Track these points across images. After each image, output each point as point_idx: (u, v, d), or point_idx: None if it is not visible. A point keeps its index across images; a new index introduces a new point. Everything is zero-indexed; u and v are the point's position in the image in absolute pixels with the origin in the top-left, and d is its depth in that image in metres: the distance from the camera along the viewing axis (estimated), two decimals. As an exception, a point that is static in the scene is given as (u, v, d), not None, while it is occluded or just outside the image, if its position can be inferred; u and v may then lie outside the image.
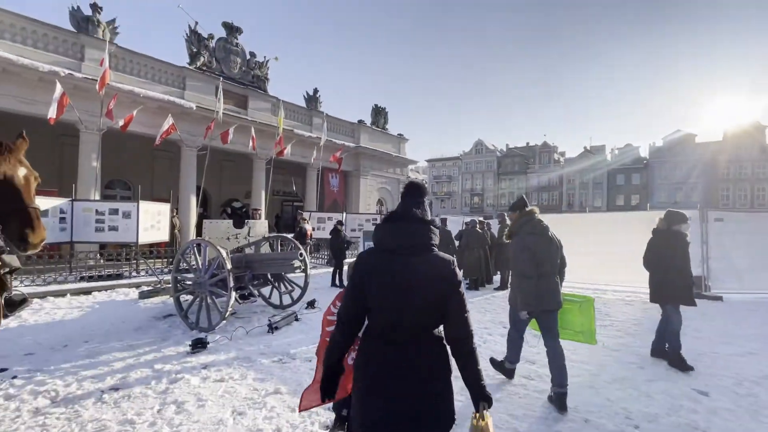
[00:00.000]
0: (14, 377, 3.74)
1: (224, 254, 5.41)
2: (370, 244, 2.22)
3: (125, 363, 4.17)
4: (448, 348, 1.65)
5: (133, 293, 7.74)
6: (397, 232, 1.64)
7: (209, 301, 5.54)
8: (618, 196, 47.05)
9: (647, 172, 45.61)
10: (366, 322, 1.68)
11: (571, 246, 9.70)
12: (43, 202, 8.61)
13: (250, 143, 14.54)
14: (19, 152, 2.15)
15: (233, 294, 5.36)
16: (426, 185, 1.90)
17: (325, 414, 3.11)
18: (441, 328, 1.66)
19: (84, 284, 8.22)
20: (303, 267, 6.28)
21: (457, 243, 10.06)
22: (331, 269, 12.62)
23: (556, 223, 10.56)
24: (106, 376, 3.79)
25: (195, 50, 14.97)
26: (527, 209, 3.71)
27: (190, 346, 4.62)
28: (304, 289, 6.75)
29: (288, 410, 3.16)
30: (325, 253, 14.20)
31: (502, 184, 55.61)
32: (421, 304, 1.57)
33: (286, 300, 6.89)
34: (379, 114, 23.81)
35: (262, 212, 15.43)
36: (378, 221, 2.57)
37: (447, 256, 1.67)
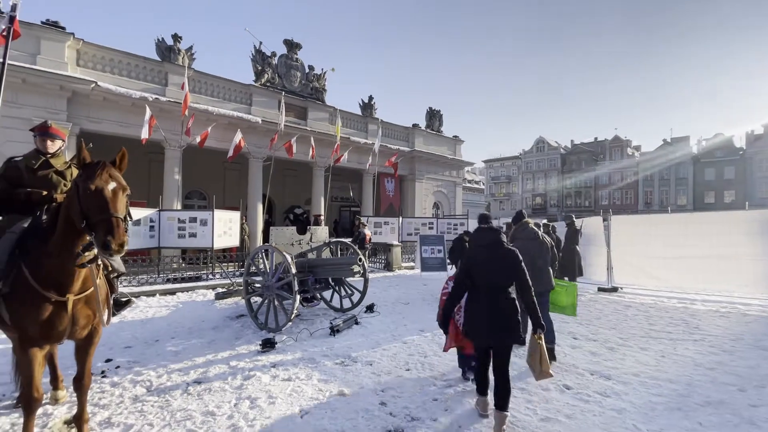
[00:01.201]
0: (117, 367, 4.27)
1: (289, 259, 5.71)
2: (427, 248, 8.43)
3: (205, 359, 4.56)
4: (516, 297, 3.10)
5: (210, 294, 8.46)
6: (484, 237, 3.22)
7: (276, 303, 5.88)
8: (707, 193, 41.79)
9: (744, 164, 39.99)
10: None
11: (652, 249, 8.86)
12: (135, 213, 9.78)
13: (310, 152, 15.27)
14: (112, 168, 2.43)
15: (298, 297, 5.63)
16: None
17: (387, 419, 3.14)
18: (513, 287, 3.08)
19: (169, 285, 9.17)
20: (362, 272, 6.42)
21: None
22: (387, 272, 12.74)
23: (630, 225, 9.71)
24: (190, 370, 4.18)
25: (260, 68, 16.08)
26: (524, 220, 4.93)
27: (260, 345, 4.94)
28: (363, 294, 6.89)
29: (351, 412, 3.24)
30: (383, 257, 14.36)
31: (567, 182, 52.14)
32: (501, 274, 3.07)
33: (347, 303, 7.08)
34: (433, 117, 23.66)
35: (323, 217, 16.10)
36: (434, 225, 7.29)
37: (512, 247, 3.17)
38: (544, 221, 10.48)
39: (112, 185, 2.33)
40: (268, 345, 4.94)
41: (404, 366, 4.33)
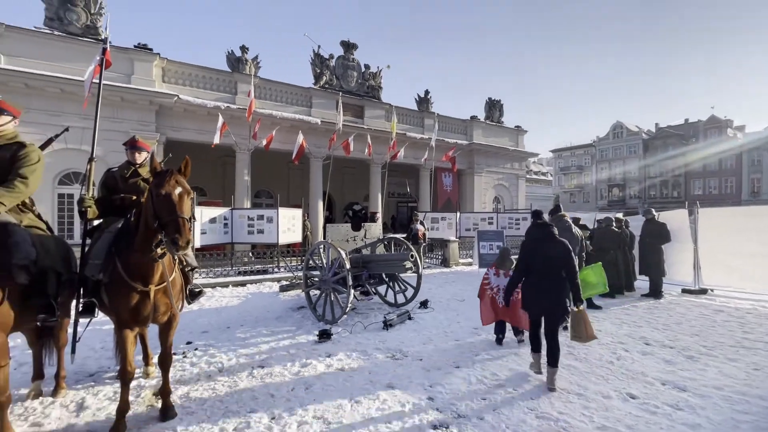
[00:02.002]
0: (196, 349, 4.83)
1: (344, 255, 5.96)
2: (485, 243, 10.36)
3: (269, 346, 4.97)
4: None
5: (275, 286, 9.11)
6: (538, 231, 3.98)
7: (332, 296, 6.18)
8: (831, 179, 34.92)
9: None
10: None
11: (751, 247, 7.62)
12: (211, 212, 10.84)
13: (367, 150, 15.62)
14: (179, 175, 2.77)
15: (352, 291, 5.86)
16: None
17: (434, 414, 3.18)
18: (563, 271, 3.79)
19: (241, 278, 10.04)
20: (414, 268, 6.48)
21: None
22: (444, 269, 12.64)
23: (722, 219, 8.41)
24: (255, 355, 4.59)
25: (318, 71, 16.77)
26: (560, 213, 5.52)
27: (317, 335, 5.24)
28: (416, 290, 6.94)
29: (398, 405, 3.33)
30: (439, 253, 14.25)
31: (651, 171, 46.73)
32: (553, 262, 3.78)
33: (401, 299, 7.19)
34: (493, 107, 22.77)
35: (379, 215, 16.41)
36: (494, 220, 9.67)
37: (563, 240, 3.92)
38: (618, 215, 9.61)
39: (178, 190, 2.66)
40: (324, 336, 5.23)
41: (454, 363, 4.32)
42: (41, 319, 2.84)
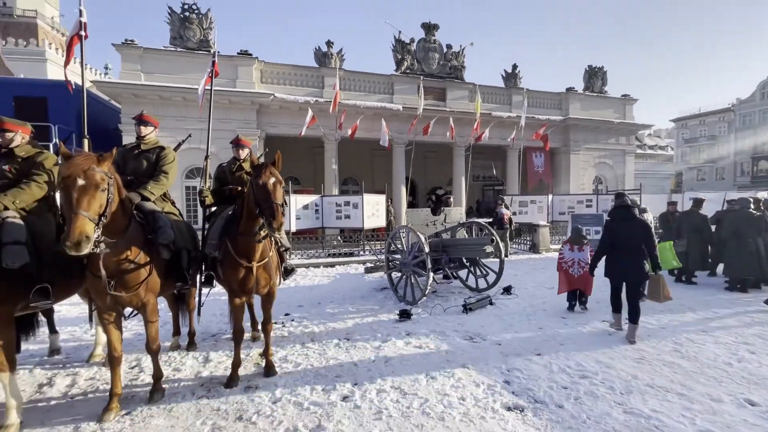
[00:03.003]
0: (292, 320, 5.48)
1: (423, 239, 6.09)
2: (580, 228, 6.19)
3: (354, 321, 5.39)
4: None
5: (361, 268, 9.68)
6: (621, 213, 4.67)
7: (413, 279, 6.38)
8: None
9: None
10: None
11: None
12: (304, 199, 11.86)
13: (449, 133, 15.35)
14: (272, 167, 3.16)
15: (431, 274, 5.98)
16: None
17: (509, 396, 3.18)
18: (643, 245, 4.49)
19: (330, 259, 10.89)
20: (496, 252, 6.32)
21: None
22: (533, 255, 11.97)
23: None
24: (342, 329, 5.04)
25: (400, 57, 16.85)
26: (624, 198, 4.96)
27: (398, 315, 5.51)
28: (498, 275, 6.77)
29: (473, 384, 3.39)
30: (528, 238, 13.50)
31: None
32: (635, 239, 4.51)
33: (482, 284, 7.09)
34: (594, 76, 20.29)
35: (452, 198, 16.12)
36: (593, 202, 9.92)
37: (643, 219, 4.73)
38: (762, 194, 7.99)
39: (272, 180, 3.07)
40: (404, 315, 5.47)
41: (535, 350, 4.19)
42: (178, 287, 3.56)
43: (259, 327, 4.75)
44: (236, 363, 3.58)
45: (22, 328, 3.27)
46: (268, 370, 3.68)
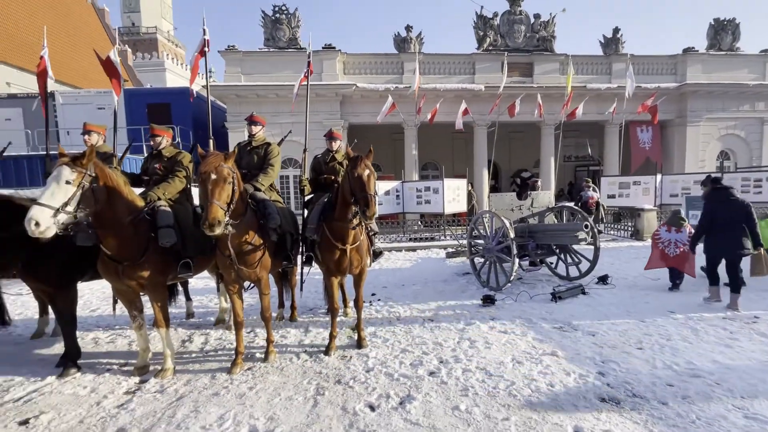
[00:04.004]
0: (378, 300, 5.83)
1: (507, 224, 5.94)
2: (696, 213, 7.30)
3: (437, 304, 5.55)
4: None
5: (442, 253, 9.76)
6: (720, 194, 4.92)
7: (497, 265, 6.28)
8: None
9: None
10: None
11: None
12: (385, 185, 12.24)
13: (537, 111, 14.32)
14: (366, 159, 3.40)
15: (516, 260, 5.83)
16: None
17: (603, 387, 3.05)
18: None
19: (411, 244, 11.15)
20: (590, 239, 5.90)
21: None
22: (635, 242, 10.77)
23: None
24: (425, 310, 5.23)
25: (482, 33, 16.09)
26: (719, 184, 5.12)
27: (481, 300, 5.51)
28: (592, 263, 6.31)
29: (563, 372, 3.31)
30: (630, 224, 12.14)
31: None
32: (734, 219, 4.76)
33: (574, 272, 6.68)
34: (721, 31, 17.00)
35: (540, 182, 15.06)
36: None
37: (742, 199, 4.92)
38: None
39: (367, 172, 3.32)
40: (488, 301, 5.45)
41: (636, 344, 3.89)
42: (284, 265, 4.07)
43: (350, 304, 5.20)
44: (332, 334, 3.99)
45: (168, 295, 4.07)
46: (360, 343, 4.04)
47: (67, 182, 2.73)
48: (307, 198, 4.64)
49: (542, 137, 16.63)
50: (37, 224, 2.58)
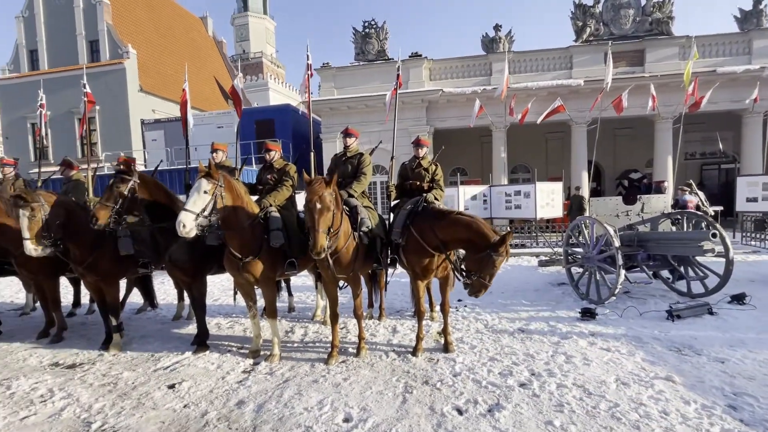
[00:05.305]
0: (465, 306, 5.77)
1: (611, 231, 5.39)
2: None
3: (528, 314, 5.28)
4: None
5: (534, 261, 9.19)
6: None
7: (598, 276, 5.73)
8: None
9: None
10: None
11: None
12: (472, 189, 11.99)
13: (650, 103, 12.62)
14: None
15: (622, 272, 5.25)
16: None
17: (735, 424, 2.60)
18: None
19: (500, 250, 10.70)
20: (719, 251, 5.04)
21: None
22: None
23: None
24: (515, 320, 5.02)
25: (580, 24, 14.84)
26: None
27: (579, 313, 5.09)
28: (723, 279, 5.36)
29: (680, 400, 2.91)
30: (777, 232, 9.96)
31: None
32: None
33: (697, 288, 5.75)
34: None
35: (668, 183, 13.09)
36: None
37: None
38: None
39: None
40: (588, 314, 5.01)
41: (784, 378, 3.22)
42: (374, 267, 4.31)
43: (437, 308, 5.25)
44: (419, 336, 4.09)
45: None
46: (447, 347, 4.06)
47: (205, 192, 3.32)
48: (393, 203, 4.84)
49: (656, 133, 14.62)
50: (184, 226, 3.18)
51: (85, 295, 5.98)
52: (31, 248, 3.82)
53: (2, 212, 4.40)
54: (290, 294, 5.96)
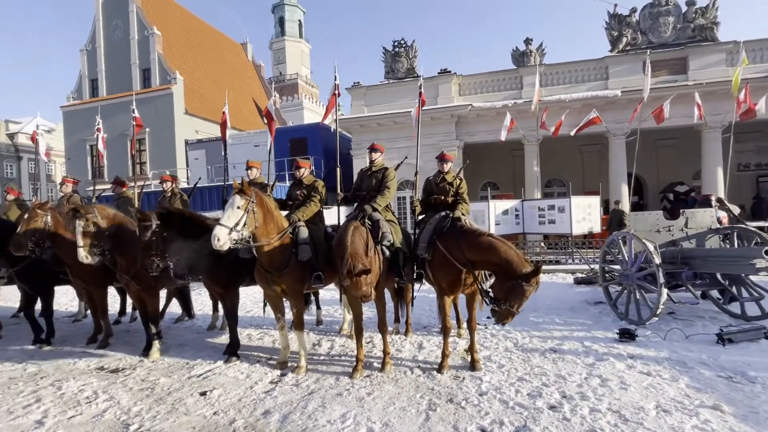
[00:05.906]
0: (494, 323, 5.59)
1: (651, 248, 5.11)
2: None
3: (561, 334, 5.05)
4: None
5: (569, 278, 8.82)
6: None
7: (638, 295, 5.41)
8: None
9: None
10: None
11: None
12: (503, 204, 11.75)
13: (695, 112, 11.95)
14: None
15: (665, 291, 4.93)
16: None
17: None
18: None
19: (534, 266, 10.36)
20: (776, 268, 4.62)
21: None
22: None
23: None
24: (547, 339, 4.82)
25: (616, 33, 14.45)
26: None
27: (617, 333, 4.81)
28: (782, 299, 4.91)
29: (729, 430, 2.67)
30: None
31: None
32: None
33: (753, 310, 5.29)
34: None
35: (715, 197, 12.21)
36: None
37: None
38: None
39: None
40: (626, 335, 4.73)
41: None
42: (396, 281, 4.32)
43: (464, 325, 5.14)
44: (445, 353, 4.02)
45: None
46: (474, 365, 3.96)
47: (238, 207, 3.50)
48: (418, 218, 4.85)
49: (704, 143, 13.80)
50: (218, 240, 3.36)
51: (130, 305, 6.37)
52: (83, 255, 4.17)
53: (60, 225, 4.81)
54: (318, 307, 6.06)
